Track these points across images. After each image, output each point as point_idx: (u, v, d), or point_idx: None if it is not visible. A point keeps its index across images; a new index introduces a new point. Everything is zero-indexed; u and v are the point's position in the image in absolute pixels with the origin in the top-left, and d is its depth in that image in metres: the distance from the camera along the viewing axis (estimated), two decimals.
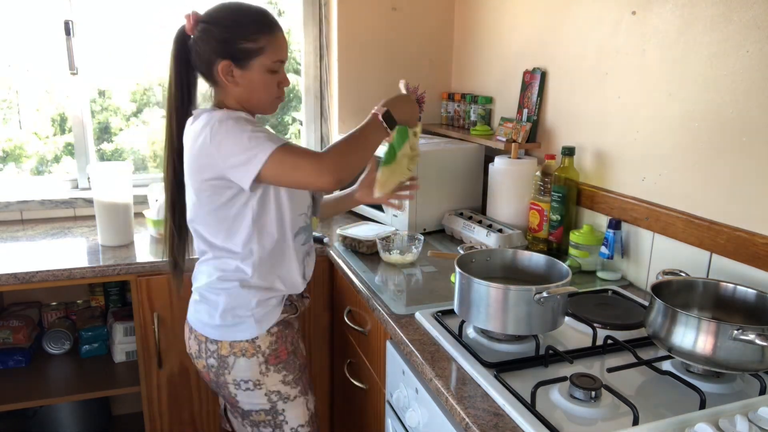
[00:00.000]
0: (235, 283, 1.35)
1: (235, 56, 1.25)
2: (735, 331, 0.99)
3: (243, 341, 1.35)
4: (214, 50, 1.25)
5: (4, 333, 2.03)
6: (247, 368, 1.36)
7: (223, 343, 1.35)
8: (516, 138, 1.94)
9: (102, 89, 2.40)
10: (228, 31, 1.25)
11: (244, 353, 1.35)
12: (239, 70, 1.27)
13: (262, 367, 1.37)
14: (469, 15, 2.36)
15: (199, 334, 1.38)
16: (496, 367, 1.11)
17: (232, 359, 1.35)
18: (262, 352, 1.37)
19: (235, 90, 1.29)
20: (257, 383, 1.38)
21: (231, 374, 1.37)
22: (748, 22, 1.25)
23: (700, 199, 1.39)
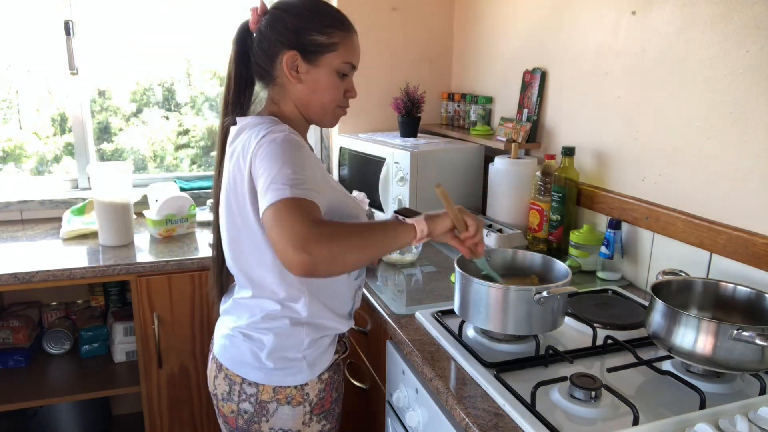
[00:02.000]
0: (285, 321, 1.17)
1: (304, 48, 1.12)
2: (735, 331, 0.99)
3: (291, 387, 1.18)
4: (281, 39, 1.12)
5: (4, 333, 2.03)
6: (290, 417, 1.19)
7: (266, 387, 1.17)
8: (516, 138, 1.94)
9: (102, 89, 2.40)
10: (302, 20, 1.12)
11: (290, 401, 1.18)
12: (306, 65, 1.13)
13: (307, 417, 1.21)
14: (469, 15, 2.36)
15: (234, 374, 1.19)
16: (496, 367, 1.11)
17: (274, 406, 1.18)
18: (309, 400, 1.20)
19: (297, 88, 1.15)
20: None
21: (269, 422, 1.19)
22: (748, 22, 1.25)
23: (700, 199, 1.39)
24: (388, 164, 2.00)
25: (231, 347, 1.21)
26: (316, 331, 1.19)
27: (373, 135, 2.28)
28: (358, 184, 2.22)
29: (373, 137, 2.22)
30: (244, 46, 1.17)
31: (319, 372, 1.20)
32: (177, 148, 2.58)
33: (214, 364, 1.25)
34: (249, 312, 1.20)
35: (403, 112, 2.17)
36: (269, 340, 1.17)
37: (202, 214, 2.19)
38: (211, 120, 2.57)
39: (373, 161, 2.08)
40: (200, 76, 2.52)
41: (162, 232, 2.02)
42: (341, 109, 1.21)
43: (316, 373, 1.20)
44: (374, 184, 2.06)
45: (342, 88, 1.18)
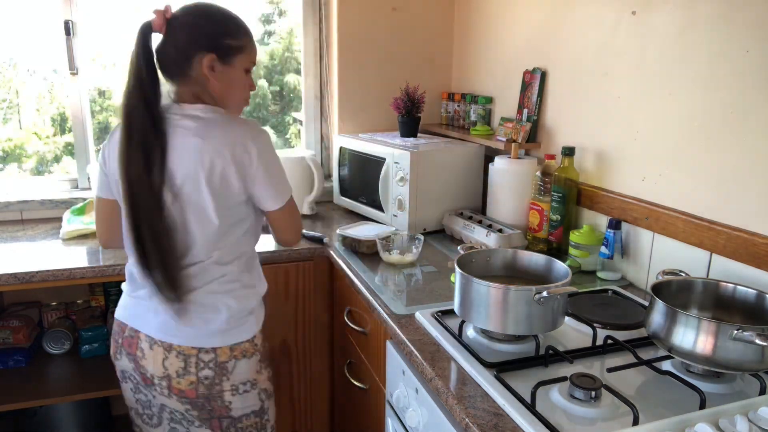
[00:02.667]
0: (237, 284, 1.33)
1: (220, 51, 1.27)
2: (735, 331, 0.99)
3: (244, 342, 1.33)
4: (198, 42, 1.26)
5: (4, 333, 2.03)
6: (246, 369, 1.34)
7: (223, 348, 1.30)
8: (516, 138, 1.94)
9: (102, 89, 2.40)
10: (215, 26, 1.28)
11: (245, 354, 1.33)
12: (221, 66, 1.28)
13: (259, 365, 1.37)
14: (469, 15, 2.36)
15: (188, 348, 1.29)
16: (496, 367, 1.11)
17: (233, 363, 1.32)
18: (258, 349, 1.37)
19: (214, 85, 1.28)
20: (254, 383, 1.36)
21: (230, 380, 1.32)
22: (748, 22, 1.25)
23: (700, 199, 1.39)
24: (388, 164, 2.00)
25: (177, 325, 1.29)
26: (258, 293, 1.40)
27: (373, 135, 2.28)
28: (358, 184, 2.22)
29: (373, 137, 2.22)
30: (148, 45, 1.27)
31: (260, 324, 1.39)
32: None
33: (159, 348, 1.30)
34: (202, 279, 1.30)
35: (403, 112, 2.17)
36: (228, 303, 1.31)
37: None
38: None
39: (373, 161, 2.08)
40: None
41: None
42: (246, 102, 1.40)
43: (259, 326, 1.38)
44: (374, 184, 2.06)
45: (248, 83, 1.36)
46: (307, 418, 2.09)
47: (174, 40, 1.26)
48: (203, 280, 1.30)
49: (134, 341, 1.34)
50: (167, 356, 1.30)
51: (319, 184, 2.21)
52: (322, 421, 2.12)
